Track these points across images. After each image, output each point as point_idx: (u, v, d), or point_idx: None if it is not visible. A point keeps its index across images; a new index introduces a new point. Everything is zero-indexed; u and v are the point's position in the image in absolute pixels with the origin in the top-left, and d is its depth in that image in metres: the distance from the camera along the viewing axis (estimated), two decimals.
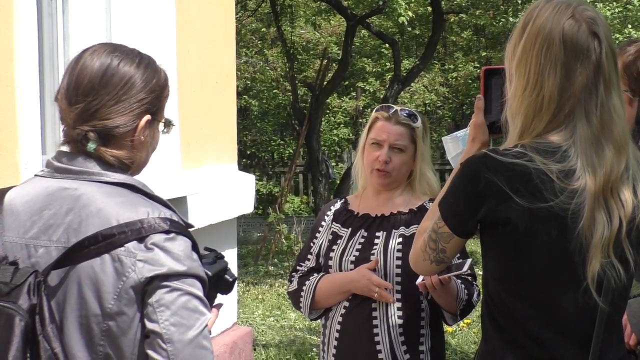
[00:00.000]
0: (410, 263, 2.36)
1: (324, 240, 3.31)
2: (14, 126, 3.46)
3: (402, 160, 3.20)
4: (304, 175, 18.58)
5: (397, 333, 3.09)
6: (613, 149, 2.02)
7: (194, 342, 1.95)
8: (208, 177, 5.10)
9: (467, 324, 8.02)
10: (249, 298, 9.63)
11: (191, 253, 2.00)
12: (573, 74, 2.03)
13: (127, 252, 1.94)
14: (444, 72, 19.74)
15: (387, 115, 3.22)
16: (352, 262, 3.16)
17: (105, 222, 1.95)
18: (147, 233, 1.94)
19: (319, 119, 13.54)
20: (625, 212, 2.01)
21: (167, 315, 1.93)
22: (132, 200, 2.01)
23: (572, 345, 2.06)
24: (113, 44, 2.14)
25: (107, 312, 1.94)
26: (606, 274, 2.00)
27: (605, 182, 2.00)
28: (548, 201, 1.98)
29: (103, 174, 2.02)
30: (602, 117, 2.03)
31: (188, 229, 2.04)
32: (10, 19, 3.44)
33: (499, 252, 2.09)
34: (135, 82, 2.05)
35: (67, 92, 2.04)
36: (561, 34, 2.04)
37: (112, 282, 1.93)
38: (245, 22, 18.43)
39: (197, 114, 4.97)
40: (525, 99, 2.07)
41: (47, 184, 2.04)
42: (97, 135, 2.01)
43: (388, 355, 3.08)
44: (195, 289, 1.98)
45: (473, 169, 2.08)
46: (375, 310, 3.11)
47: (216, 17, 5.35)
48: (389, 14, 13.80)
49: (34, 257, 2.00)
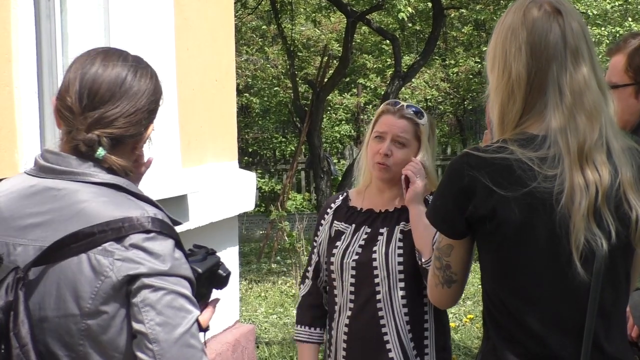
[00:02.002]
0: (429, 297, 2.36)
1: (324, 239, 3.30)
2: (13, 126, 3.46)
3: (403, 155, 3.16)
4: (306, 173, 18.57)
5: (405, 330, 3.08)
6: (585, 118, 2.05)
7: (181, 340, 1.94)
8: (208, 175, 5.09)
9: (470, 319, 8.03)
10: (251, 296, 9.63)
11: (173, 252, 1.99)
12: (538, 51, 2.07)
13: (104, 251, 1.93)
14: (444, 68, 19.73)
15: (393, 110, 3.20)
16: (353, 268, 3.14)
17: (86, 220, 1.95)
18: (126, 232, 1.94)
19: (320, 116, 13.51)
20: (601, 180, 2.02)
21: (152, 315, 1.93)
22: (116, 200, 2.01)
23: (569, 340, 2.05)
24: (117, 49, 2.16)
25: (85, 312, 1.94)
26: (590, 246, 2.00)
27: (580, 150, 2.02)
28: (532, 189, 1.99)
29: (88, 174, 2.02)
30: (572, 87, 2.06)
31: (173, 228, 2.04)
32: (7, 19, 3.43)
33: (490, 248, 2.10)
34: (148, 93, 2.09)
35: (80, 97, 2.04)
36: (523, 17, 2.11)
37: (89, 281, 1.93)
38: (245, 20, 18.43)
39: (197, 112, 4.97)
40: (499, 89, 2.12)
41: (32, 182, 2.05)
42: (110, 141, 2.03)
43: (397, 349, 3.06)
44: (180, 287, 1.97)
45: (456, 167, 2.10)
46: (381, 310, 3.09)
47: (215, 15, 5.34)
48: (389, 10, 13.80)
49: (12, 255, 1.99)
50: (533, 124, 2.08)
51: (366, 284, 3.12)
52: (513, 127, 2.10)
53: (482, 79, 17.97)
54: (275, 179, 19.34)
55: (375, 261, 3.11)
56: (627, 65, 3.07)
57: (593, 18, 14.49)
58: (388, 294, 3.09)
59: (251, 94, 19.97)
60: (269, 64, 19.40)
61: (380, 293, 3.09)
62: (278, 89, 19.26)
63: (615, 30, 14.87)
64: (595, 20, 14.72)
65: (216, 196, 5.07)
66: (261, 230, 15.83)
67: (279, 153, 20.55)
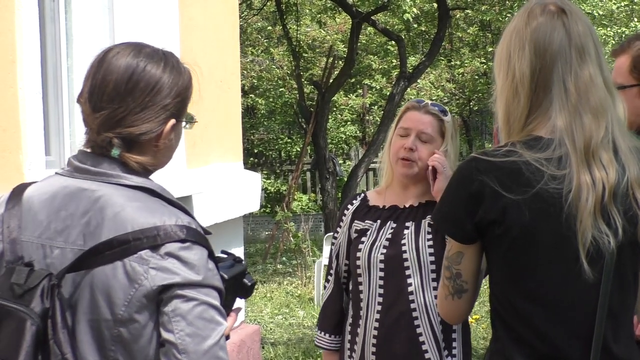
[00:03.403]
0: (439, 311, 2.33)
1: (343, 241, 3.26)
2: (17, 127, 3.46)
3: (428, 150, 3.11)
4: (312, 173, 18.57)
5: (437, 324, 3.05)
6: (591, 116, 2.03)
7: (210, 353, 1.92)
8: (213, 175, 5.10)
9: (475, 319, 8.02)
10: (257, 296, 9.64)
11: (207, 262, 1.97)
12: (542, 48, 2.06)
13: (140, 259, 1.91)
14: (450, 69, 19.71)
15: (418, 106, 3.18)
16: (381, 261, 3.09)
17: (121, 227, 1.93)
18: (162, 241, 1.92)
19: (326, 116, 13.51)
20: (608, 177, 2.01)
21: (182, 325, 1.91)
22: (150, 206, 1.98)
23: (578, 341, 2.04)
24: (137, 44, 2.08)
25: (118, 318, 1.92)
26: (597, 244, 1.99)
27: (586, 148, 2.01)
28: (540, 190, 1.98)
29: (122, 176, 2.00)
30: (577, 85, 2.05)
31: (205, 238, 2.02)
32: (12, 20, 3.43)
33: (499, 251, 2.08)
34: (162, 88, 2.02)
35: (91, 97, 2.01)
36: (527, 18, 2.10)
37: (123, 288, 1.91)
38: (250, 21, 18.43)
39: (202, 113, 4.94)
40: (503, 89, 2.11)
41: (66, 183, 2.02)
42: (122, 141, 1.99)
43: (432, 343, 3.04)
44: (211, 299, 1.95)
45: (465, 173, 2.09)
46: (413, 303, 3.05)
47: (220, 15, 5.34)
48: (395, 11, 13.77)
49: (49, 257, 1.98)
50: (539, 125, 2.07)
51: (397, 278, 3.07)
52: (520, 128, 2.09)
53: (487, 80, 17.98)
54: (280, 180, 19.34)
55: (406, 253, 3.07)
56: (632, 66, 3.06)
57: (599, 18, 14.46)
58: (420, 287, 3.05)
59: (257, 95, 19.96)
60: (275, 65, 19.40)
61: (412, 286, 3.05)
62: (283, 89, 19.25)
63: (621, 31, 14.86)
64: (601, 20, 14.70)
65: (221, 197, 5.07)
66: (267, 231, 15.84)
67: (284, 154, 20.56)
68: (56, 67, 3.96)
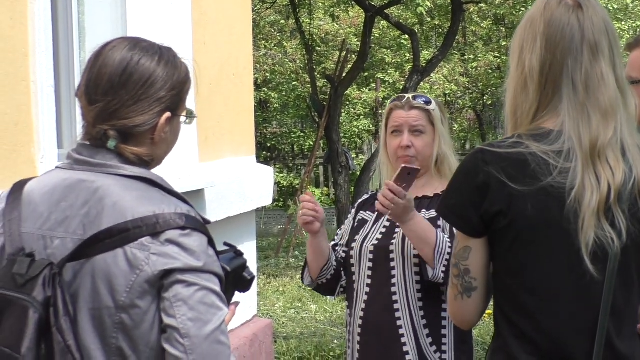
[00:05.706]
0: (450, 314, 2.30)
1: (348, 227, 3.36)
2: (30, 121, 3.46)
3: (424, 142, 3.20)
4: (324, 167, 18.57)
5: (419, 318, 3.09)
6: (600, 115, 2.01)
7: (211, 337, 1.94)
8: (226, 169, 5.09)
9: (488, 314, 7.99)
10: (269, 290, 9.65)
11: (207, 249, 2.00)
12: (553, 43, 2.04)
13: (141, 246, 1.94)
14: (463, 62, 19.65)
15: (401, 104, 3.24)
16: (371, 252, 3.17)
17: (120, 215, 1.96)
18: (162, 229, 1.95)
19: (339, 110, 13.49)
20: (614, 178, 1.99)
21: (184, 310, 1.93)
22: (149, 195, 2.01)
23: (581, 338, 2.03)
24: (133, 38, 2.13)
25: (120, 305, 1.95)
26: (601, 243, 1.98)
27: (592, 147, 1.99)
28: (545, 184, 1.97)
29: (121, 167, 2.03)
30: (587, 83, 2.03)
31: (205, 226, 2.04)
32: (24, 14, 3.44)
33: (503, 244, 2.06)
34: (155, 81, 2.05)
35: (87, 90, 2.05)
36: (543, 10, 2.08)
37: (125, 275, 1.94)
38: (263, 15, 18.43)
39: (214, 107, 4.96)
40: (512, 80, 2.10)
41: (66, 176, 2.06)
42: (117, 133, 2.02)
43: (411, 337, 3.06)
44: (212, 284, 1.98)
45: (471, 165, 2.07)
46: (395, 295, 3.10)
47: (232, 9, 5.33)
48: (408, 5, 13.74)
49: (50, 248, 2.01)
50: (549, 120, 2.05)
51: (382, 268, 3.14)
52: (528, 122, 2.07)
53: (501, 74, 17.90)
54: (293, 174, 19.34)
55: (392, 245, 3.14)
56: None
57: (613, 12, 14.40)
58: (403, 279, 3.10)
59: (269, 89, 19.97)
60: (287, 59, 19.39)
61: (395, 277, 3.11)
62: (296, 83, 19.25)
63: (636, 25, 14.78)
64: (615, 14, 14.64)
65: (233, 191, 5.07)
66: (279, 225, 15.85)
67: (297, 148, 20.56)
68: (69, 61, 3.97)
